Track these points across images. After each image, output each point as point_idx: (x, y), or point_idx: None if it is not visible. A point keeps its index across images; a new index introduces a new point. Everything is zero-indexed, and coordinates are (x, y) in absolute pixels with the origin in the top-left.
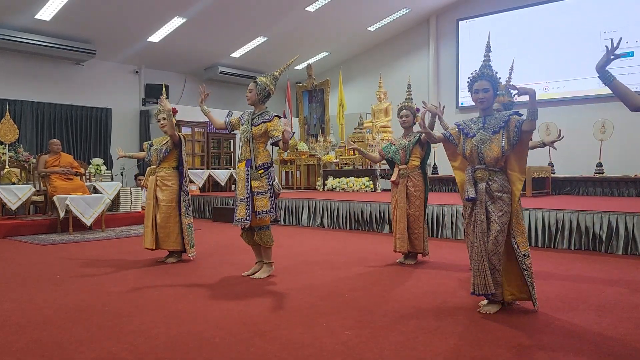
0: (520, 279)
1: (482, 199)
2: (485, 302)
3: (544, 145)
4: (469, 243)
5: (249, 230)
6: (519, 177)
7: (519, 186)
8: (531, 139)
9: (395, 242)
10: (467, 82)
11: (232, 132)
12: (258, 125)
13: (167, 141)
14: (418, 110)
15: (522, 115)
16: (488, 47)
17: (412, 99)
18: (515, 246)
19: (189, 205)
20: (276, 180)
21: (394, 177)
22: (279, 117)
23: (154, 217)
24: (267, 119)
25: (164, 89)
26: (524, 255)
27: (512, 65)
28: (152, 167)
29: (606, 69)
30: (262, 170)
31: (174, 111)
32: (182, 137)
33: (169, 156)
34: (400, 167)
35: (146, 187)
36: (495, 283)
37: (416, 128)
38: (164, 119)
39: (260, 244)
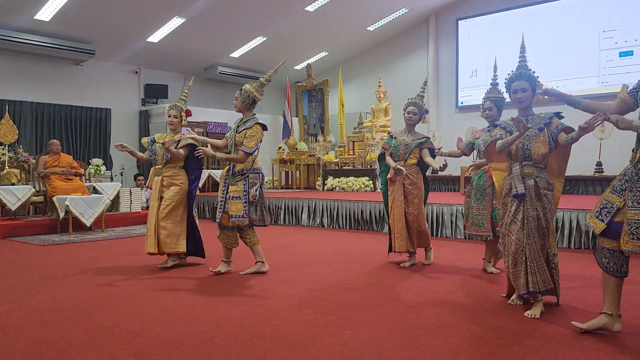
0: (551, 277)
1: (531, 194)
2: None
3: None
4: (510, 241)
5: (231, 232)
6: (559, 179)
7: (559, 187)
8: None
9: (393, 242)
10: (505, 82)
11: None
12: (240, 132)
13: (173, 139)
14: (427, 111)
15: (563, 117)
16: (523, 47)
17: (423, 97)
18: (549, 251)
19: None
20: (256, 187)
21: (390, 175)
22: (261, 125)
23: (157, 219)
24: (248, 126)
25: (168, 89)
26: (554, 254)
27: (495, 64)
28: (157, 167)
29: (567, 96)
30: (240, 176)
31: (189, 113)
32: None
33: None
34: (397, 163)
35: (151, 188)
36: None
37: (418, 127)
38: (175, 117)
39: (221, 241)
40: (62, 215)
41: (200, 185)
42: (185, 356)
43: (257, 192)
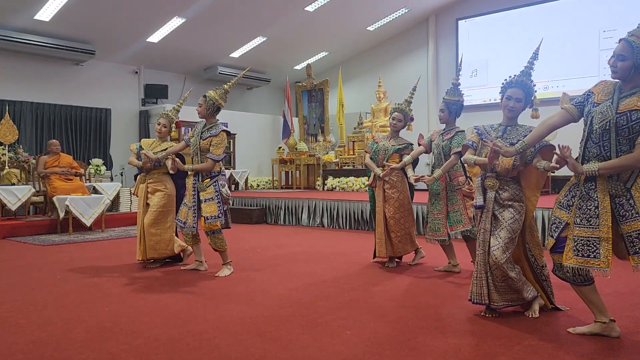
0: (542, 290)
1: (490, 207)
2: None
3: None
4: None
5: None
6: (535, 193)
7: (534, 201)
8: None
9: (376, 247)
10: (502, 84)
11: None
12: (206, 139)
13: (160, 150)
14: (412, 119)
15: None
16: (536, 54)
17: (411, 102)
18: (533, 259)
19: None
20: (226, 187)
21: (370, 181)
22: (226, 132)
23: (143, 226)
24: (213, 134)
25: (168, 89)
26: (542, 266)
27: (460, 64)
28: (142, 174)
29: (513, 149)
30: (208, 179)
31: (178, 125)
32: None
33: (161, 166)
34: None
35: (137, 196)
36: (511, 289)
37: (402, 133)
38: (165, 126)
39: (214, 248)
40: (62, 215)
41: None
42: (185, 356)
43: (228, 191)
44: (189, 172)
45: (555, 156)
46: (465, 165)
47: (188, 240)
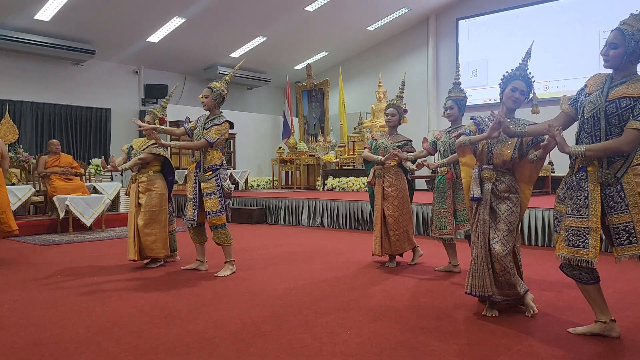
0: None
1: (487, 199)
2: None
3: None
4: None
5: (196, 228)
6: (528, 186)
7: (527, 194)
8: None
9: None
10: (503, 76)
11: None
12: (209, 128)
13: (148, 146)
14: (406, 111)
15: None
16: (528, 53)
17: (402, 97)
18: (516, 251)
19: (173, 211)
20: (227, 180)
21: (369, 179)
22: (230, 123)
23: (136, 226)
24: (216, 123)
25: (168, 89)
26: (519, 257)
27: (458, 64)
28: (133, 174)
29: (513, 130)
30: (210, 172)
31: (162, 120)
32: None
33: (150, 162)
34: (375, 167)
35: (128, 195)
36: (508, 284)
37: (400, 129)
38: (149, 123)
39: (218, 242)
40: (62, 215)
41: None
42: (185, 356)
43: (230, 185)
44: (191, 163)
45: (544, 142)
46: (458, 154)
47: (194, 239)
